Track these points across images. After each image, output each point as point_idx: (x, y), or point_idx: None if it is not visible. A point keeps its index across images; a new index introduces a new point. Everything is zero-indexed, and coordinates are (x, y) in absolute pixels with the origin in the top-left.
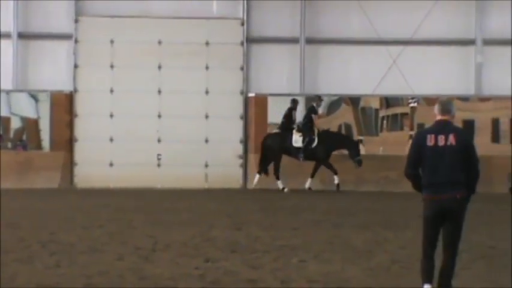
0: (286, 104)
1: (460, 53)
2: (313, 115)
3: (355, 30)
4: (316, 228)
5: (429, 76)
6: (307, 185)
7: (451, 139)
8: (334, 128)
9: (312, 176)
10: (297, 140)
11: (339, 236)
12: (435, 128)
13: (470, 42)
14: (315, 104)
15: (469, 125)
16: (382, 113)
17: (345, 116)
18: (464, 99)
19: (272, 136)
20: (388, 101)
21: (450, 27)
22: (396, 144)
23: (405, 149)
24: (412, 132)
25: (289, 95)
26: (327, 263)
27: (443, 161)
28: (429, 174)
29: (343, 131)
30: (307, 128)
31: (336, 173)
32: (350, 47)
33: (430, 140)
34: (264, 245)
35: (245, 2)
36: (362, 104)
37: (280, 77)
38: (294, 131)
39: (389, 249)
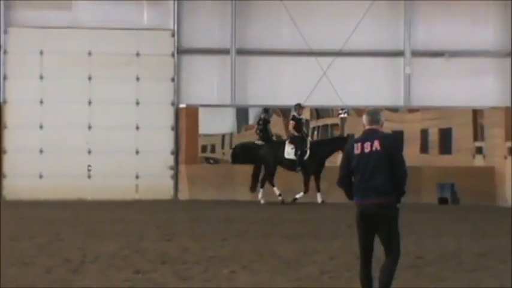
0: (217, 115)
1: (389, 64)
2: (291, 122)
3: (285, 41)
4: (245, 238)
5: (359, 87)
6: (319, 200)
7: (376, 144)
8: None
9: (319, 190)
10: (289, 152)
11: (268, 246)
12: (362, 137)
13: (399, 53)
14: (295, 113)
15: (398, 135)
16: (312, 124)
17: (276, 127)
18: (394, 110)
19: (265, 147)
20: (318, 112)
21: (379, 38)
22: None
23: (335, 160)
24: None
25: (219, 106)
26: (256, 274)
27: (369, 167)
28: (358, 181)
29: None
30: (299, 139)
31: (305, 192)
32: (280, 58)
33: (357, 149)
34: (194, 256)
35: (176, 13)
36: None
37: (210, 88)
38: (287, 143)
39: (318, 259)
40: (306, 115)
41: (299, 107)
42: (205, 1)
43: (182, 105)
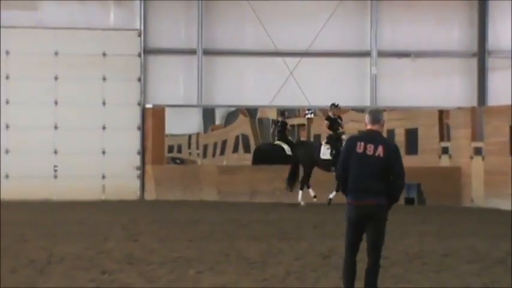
0: (184, 115)
1: (356, 64)
2: (325, 122)
3: (252, 41)
4: (211, 239)
5: (325, 87)
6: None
7: (380, 150)
8: (231, 140)
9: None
10: (325, 152)
11: (234, 247)
12: (365, 137)
13: (366, 54)
14: (331, 113)
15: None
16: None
17: (242, 127)
18: (360, 110)
19: (302, 147)
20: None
21: (346, 39)
22: None
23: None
24: None
25: (186, 106)
26: (222, 275)
27: (369, 169)
28: (354, 179)
29: (240, 142)
30: (334, 139)
31: (337, 191)
32: (247, 58)
33: (359, 147)
34: (160, 256)
35: (142, 13)
36: (259, 115)
37: (177, 88)
38: (323, 143)
39: (284, 260)
40: (271, 115)
41: (334, 106)
42: (171, 1)
43: (148, 106)
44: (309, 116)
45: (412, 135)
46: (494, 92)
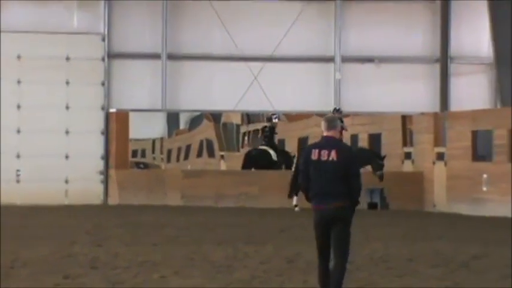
0: (148, 120)
1: (320, 69)
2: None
3: (216, 46)
4: (177, 243)
5: (290, 92)
6: None
7: (333, 154)
8: (195, 144)
9: None
10: None
11: (199, 251)
12: (320, 144)
13: (330, 59)
14: None
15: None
16: (243, 129)
17: (206, 131)
18: (324, 115)
19: (303, 151)
20: (249, 117)
21: (310, 44)
22: None
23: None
24: None
25: (150, 110)
26: (188, 279)
27: (325, 174)
28: (315, 186)
29: (204, 147)
30: None
31: None
32: (212, 63)
33: (314, 155)
34: (124, 261)
35: (106, 17)
36: (223, 119)
37: (141, 93)
38: None
39: (249, 264)
40: (236, 120)
41: (335, 111)
42: (136, 5)
43: (112, 110)
44: (273, 120)
45: (375, 140)
46: (457, 97)
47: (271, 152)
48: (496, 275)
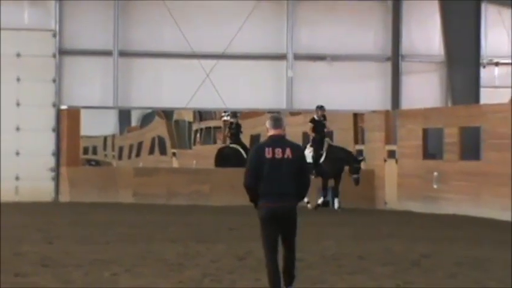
0: (100, 117)
1: (272, 67)
2: (309, 125)
3: (169, 43)
4: (128, 242)
5: (242, 90)
6: (336, 206)
7: (288, 153)
8: (147, 142)
9: (336, 195)
10: (307, 155)
11: (151, 249)
12: (272, 142)
13: (282, 56)
14: (315, 116)
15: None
16: (195, 126)
17: (158, 129)
18: (276, 113)
19: None
20: (201, 115)
21: (262, 42)
22: (209, 157)
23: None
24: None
25: (102, 107)
26: (139, 277)
27: (281, 173)
28: (267, 184)
29: (156, 144)
30: (317, 142)
31: (336, 196)
32: (164, 60)
33: (268, 153)
34: (75, 259)
35: (57, 13)
36: (175, 117)
37: (93, 90)
38: (308, 146)
39: (200, 262)
40: (188, 117)
41: (318, 109)
42: (87, 2)
43: (64, 107)
44: (225, 118)
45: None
46: (408, 95)
47: (242, 150)
48: (446, 273)
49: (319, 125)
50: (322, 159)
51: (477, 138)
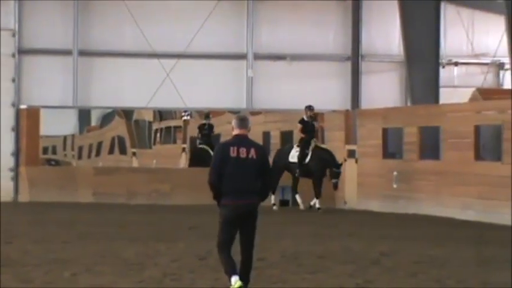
0: (59, 116)
1: (232, 67)
2: (298, 125)
3: (129, 42)
4: (88, 241)
5: (202, 89)
6: (317, 206)
7: (253, 152)
8: (106, 141)
9: (317, 196)
10: (293, 155)
11: (111, 249)
12: (236, 141)
13: (242, 56)
14: (305, 116)
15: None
16: (155, 126)
17: (118, 128)
18: (236, 112)
19: (279, 151)
20: (161, 114)
21: (223, 41)
22: (169, 157)
23: (178, 162)
24: (185, 145)
25: (61, 107)
26: (99, 276)
27: (244, 171)
28: (231, 182)
29: (115, 144)
30: (304, 142)
31: (317, 197)
32: (123, 59)
33: (233, 152)
34: (35, 258)
35: (17, 12)
36: (135, 116)
37: (52, 89)
38: (295, 146)
39: (160, 262)
40: (148, 117)
41: (307, 109)
42: (47, 1)
43: (23, 106)
44: (185, 117)
45: (287, 138)
46: (368, 95)
47: (211, 151)
48: (406, 272)
49: (308, 125)
50: (307, 160)
51: (436, 138)
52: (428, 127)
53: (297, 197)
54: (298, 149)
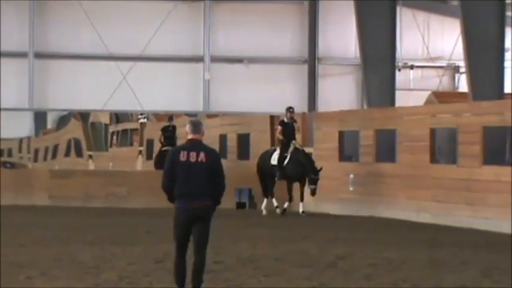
0: (15, 119)
1: (189, 69)
2: (278, 127)
3: (85, 45)
4: (44, 244)
5: (159, 92)
6: (300, 210)
7: (202, 156)
8: (63, 144)
9: (302, 199)
10: (275, 158)
11: (67, 252)
12: (188, 146)
13: (199, 59)
14: (285, 118)
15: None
16: (112, 129)
17: (74, 131)
18: (193, 115)
19: (262, 154)
20: (118, 117)
21: (180, 44)
22: (126, 159)
23: (134, 165)
24: (142, 148)
25: (17, 109)
26: (54, 280)
27: (194, 175)
28: (182, 185)
29: (72, 146)
30: (284, 145)
31: (290, 201)
32: (80, 62)
33: (183, 156)
34: None
35: None
36: (92, 119)
37: (8, 92)
38: (277, 149)
39: (117, 265)
40: (105, 119)
41: (287, 110)
42: (2, 2)
43: None
44: (142, 120)
45: (244, 140)
46: (325, 98)
47: (274, 154)
48: (362, 274)
49: (288, 127)
50: (286, 162)
51: (392, 141)
52: (384, 130)
53: (274, 200)
54: (279, 151)
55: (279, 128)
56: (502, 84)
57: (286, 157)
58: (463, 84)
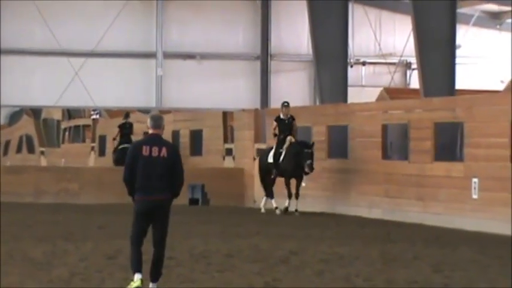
0: None
1: (142, 65)
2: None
3: (37, 41)
4: None
5: (111, 88)
6: (294, 208)
7: (164, 151)
8: (14, 140)
9: (297, 197)
10: (271, 155)
11: (18, 248)
12: (150, 141)
13: (152, 55)
14: (281, 114)
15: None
16: (64, 125)
17: (26, 127)
18: (146, 111)
19: (261, 152)
20: (70, 113)
21: (132, 39)
22: (78, 155)
23: (86, 161)
24: (94, 144)
25: None
26: (6, 276)
27: (155, 169)
28: (142, 179)
29: (24, 143)
30: (279, 141)
31: (289, 197)
32: (32, 57)
33: (146, 151)
34: None
35: None
36: (44, 115)
37: None
38: (274, 146)
39: (69, 261)
40: (57, 115)
41: (283, 106)
42: None
43: None
44: (94, 116)
45: (196, 137)
46: (277, 94)
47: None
48: (313, 270)
49: (283, 123)
50: (281, 158)
51: (345, 137)
52: (337, 126)
53: (273, 202)
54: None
55: (274, 123)
56: (453, 81)
57: (281, 153)
58: (414, 81)
